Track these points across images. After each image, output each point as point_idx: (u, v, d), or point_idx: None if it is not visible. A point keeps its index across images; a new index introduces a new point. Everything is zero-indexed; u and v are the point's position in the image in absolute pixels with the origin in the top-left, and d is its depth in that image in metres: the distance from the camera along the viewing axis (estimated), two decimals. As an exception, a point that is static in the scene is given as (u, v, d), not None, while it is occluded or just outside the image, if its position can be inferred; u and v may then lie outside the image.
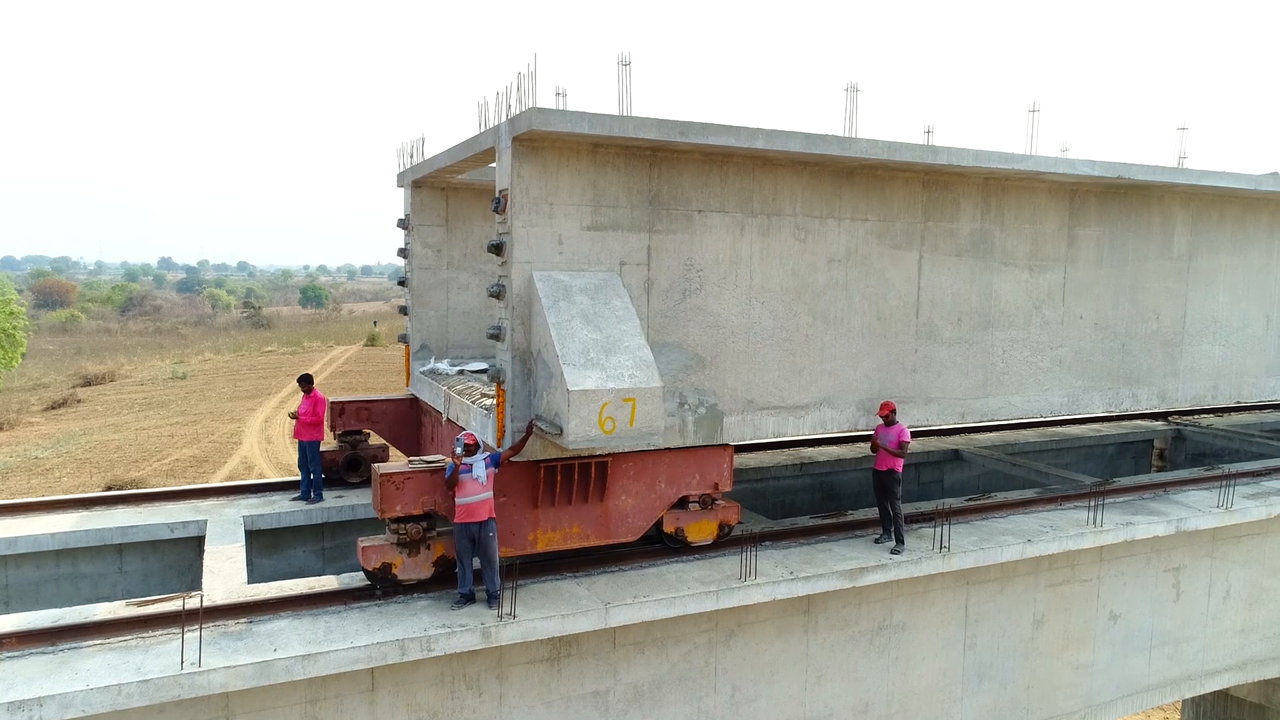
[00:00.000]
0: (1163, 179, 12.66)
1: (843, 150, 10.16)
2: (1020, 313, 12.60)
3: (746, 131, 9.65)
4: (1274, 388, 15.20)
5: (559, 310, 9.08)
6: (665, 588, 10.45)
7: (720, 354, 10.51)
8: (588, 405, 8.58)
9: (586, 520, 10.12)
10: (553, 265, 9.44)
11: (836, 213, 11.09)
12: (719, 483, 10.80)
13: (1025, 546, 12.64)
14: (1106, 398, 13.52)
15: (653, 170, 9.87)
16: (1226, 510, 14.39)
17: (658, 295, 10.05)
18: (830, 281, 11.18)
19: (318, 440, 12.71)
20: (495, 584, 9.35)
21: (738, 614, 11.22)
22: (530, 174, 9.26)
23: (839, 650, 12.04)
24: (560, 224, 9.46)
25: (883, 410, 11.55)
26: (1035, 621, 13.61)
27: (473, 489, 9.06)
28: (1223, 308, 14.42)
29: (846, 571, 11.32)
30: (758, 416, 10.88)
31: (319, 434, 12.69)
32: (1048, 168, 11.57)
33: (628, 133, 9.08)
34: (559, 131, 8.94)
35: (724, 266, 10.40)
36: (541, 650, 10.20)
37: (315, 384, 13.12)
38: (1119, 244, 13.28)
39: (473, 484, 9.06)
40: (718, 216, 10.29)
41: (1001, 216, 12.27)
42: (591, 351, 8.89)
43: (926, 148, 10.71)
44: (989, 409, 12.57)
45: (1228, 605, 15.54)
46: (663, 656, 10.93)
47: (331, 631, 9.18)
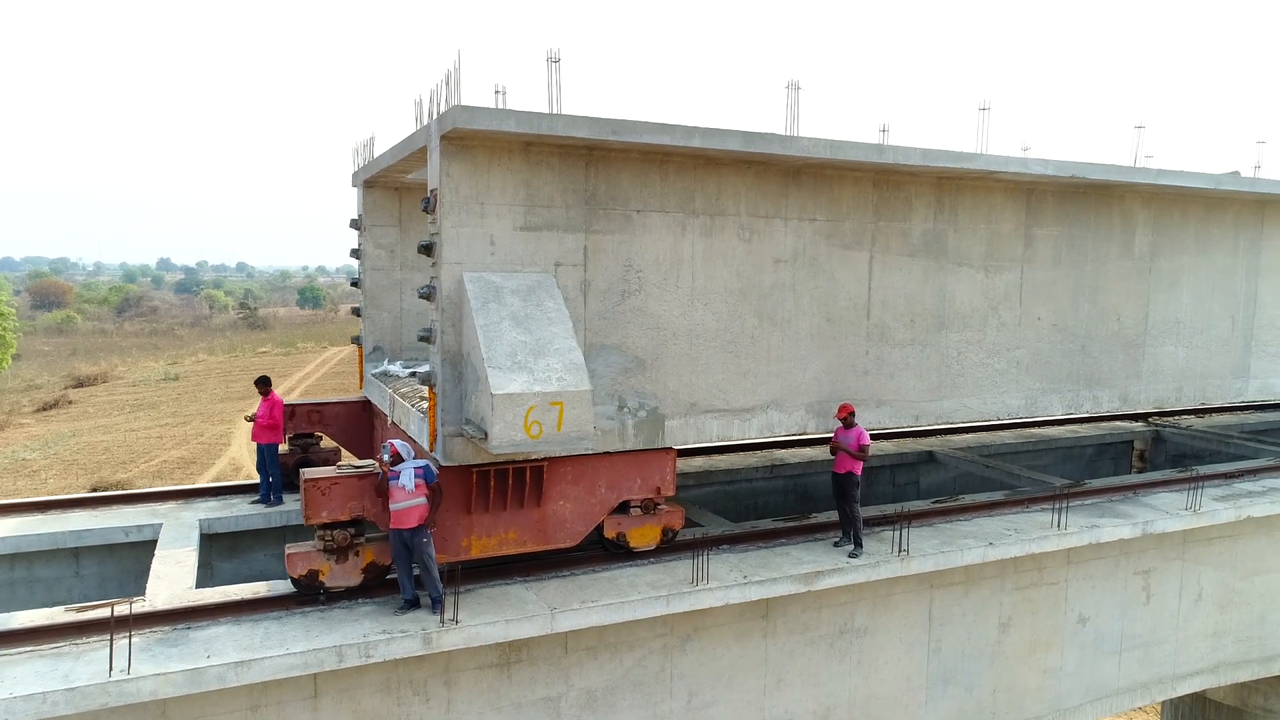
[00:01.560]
0: (1120, 178, 12.47)
1: (784, 149, 9.99)
2: (976, 314, 12.42)
3: (683, 130, 9.48)
4: (1240, 390, 15.02)
5: (488, 312, 8.91)
6: (616, 592, 10.31)
7: (661, 356, 10.34)
8: (512, 409, 8.42)
9: (523, 526, 9.95)
10: (484, 266, 9.28)
11: (783, 212, 10.92)
12: (661, 487, 10.63)
13: (987, 550, 12.49)
14: (1066, 400, 13.34)
15: (589, 169, 9.70)
16: (1194, 513, 14.24)
17: (595, 297, 9.88)
18: (777, 282, 11.01)
19: (276, 443, 12.57)
20: (437, 590, 9.21)
21: (694, 618, 11.08)
22: (460, 173, 9.09)
23: (799, 654, 11.89)
24: (492, 224, 9.29)
25: (841, 413, 11.39)
26: (1001, 625, 13.45)
27: (400, 496, 8.92)
28: (1186, 309, 14.24)
29: (801, 575, 11.18)
30: (701, 419, 10.70)
31: (277, 437, 12.57)
32: (999, 167, 11.39)
33: (557, 131, 8.91)
34: (487, 130, 8.78)
35: (665, 267, 10.23)
36: (491, 655, 10.06)
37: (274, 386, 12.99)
38: (1078, 244, 13.10)
39: (399, 491, 8.93)
40: (658, 216, 10.12)
41: (955, 216, 12.09)
42: (519, 354, 8.72)
43: (873, 146, 10.53)
44: (944, 411, 12.39)
45: (1199, 608, 15.38)
46: (616, 661, 10.78)
47: (270, 638, 9.04)
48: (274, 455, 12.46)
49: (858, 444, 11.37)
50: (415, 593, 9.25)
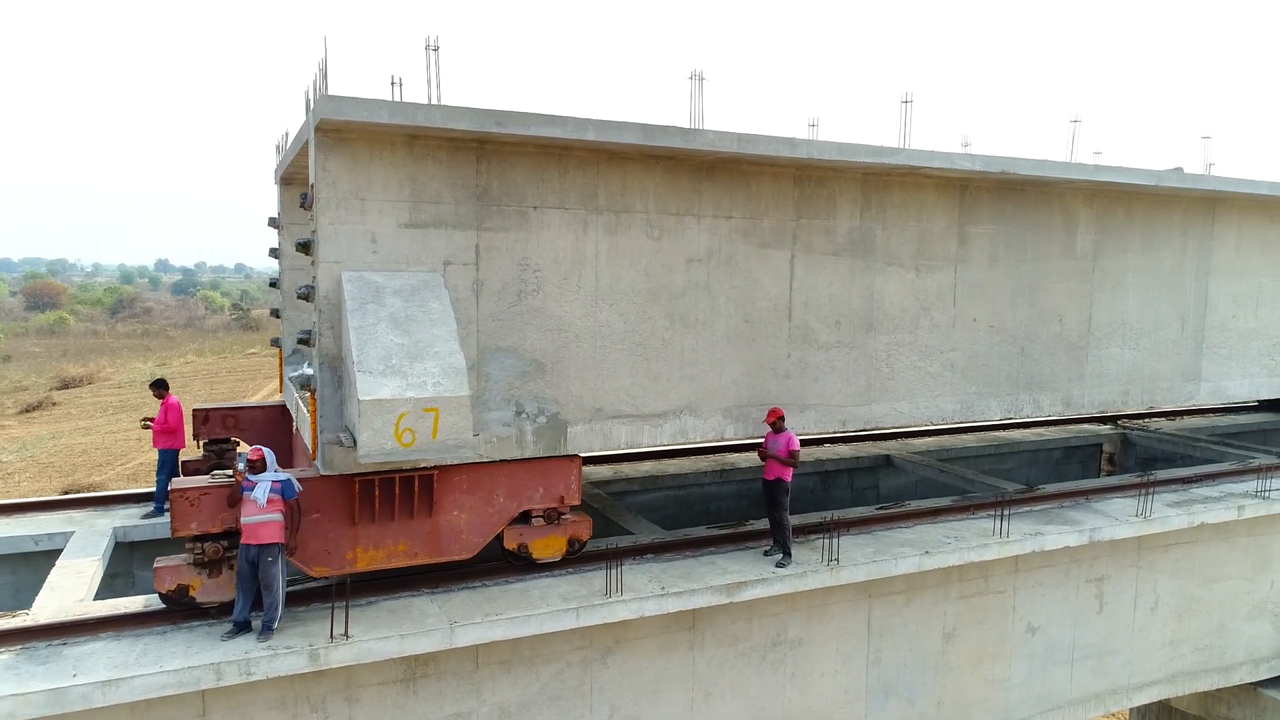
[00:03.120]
0: (1054, 174, 12.02)
1: (688, 143, 9.55)
2: (906, 315, 11.98)
3: (575, 122, 9.04)
4: (1191, 393, 14.57)
5: (365, 314, 8.48)
6: (525, 605, 9.89)
7: (563, 359, 9.90)
8: (382, 416, 7.99)
9: (414, 537, 9.51)
10: (365, 265, 8.85)
11: (696, 210, 10.48)
12: (565, 496, 10.19)
13: (922, 559, 12.07)
14: (1005, 404, 12.90)
15: (480, 164, 9.27)
16: (1145, 519, 13.83)
17: (489, 297, 9.44)
18: (690, 282, 10.57)
19: (176, 449, 12.13)
20: (273, 613, 8.72)
21: (614, 630, 10.67)
22: (337, 167, 8.67)
23: (728, 667, 11.48)
24: (374, 221, 8.86)
25: (770, 417, 10.97)
26: (946, 635, 13.05)
27: (250, 509, 8.46)
28: (1132, 309, 13.78)
29: (723, 587, 10.77)
30: (608, 425, 10.27)
31: (176, 442, 12.11)
32: (923, 162, 10.95)
33: (434, 123, 8.48)
34: (361, 122, 8.36)
35: (566, 266, 9.80)
36: (395, 670, 9.64)
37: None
38: (1016, 243, 12.65)
39: (250, 504, 8.47)
40: (557, 213, 9.69)
41: (884, 214, 11.65)
42: (394, 358, 8.29)
43: (785, 140, 10.10)
44: (873, 416, 11.95)
45: (1156, 616, 14.97)
46: (532, 675, 10.37)
47: (147, 654, 8.61)
48: (173, 461, 12.03)
49: (787, 449, 10.96)
50: (249, 616, 8.78)
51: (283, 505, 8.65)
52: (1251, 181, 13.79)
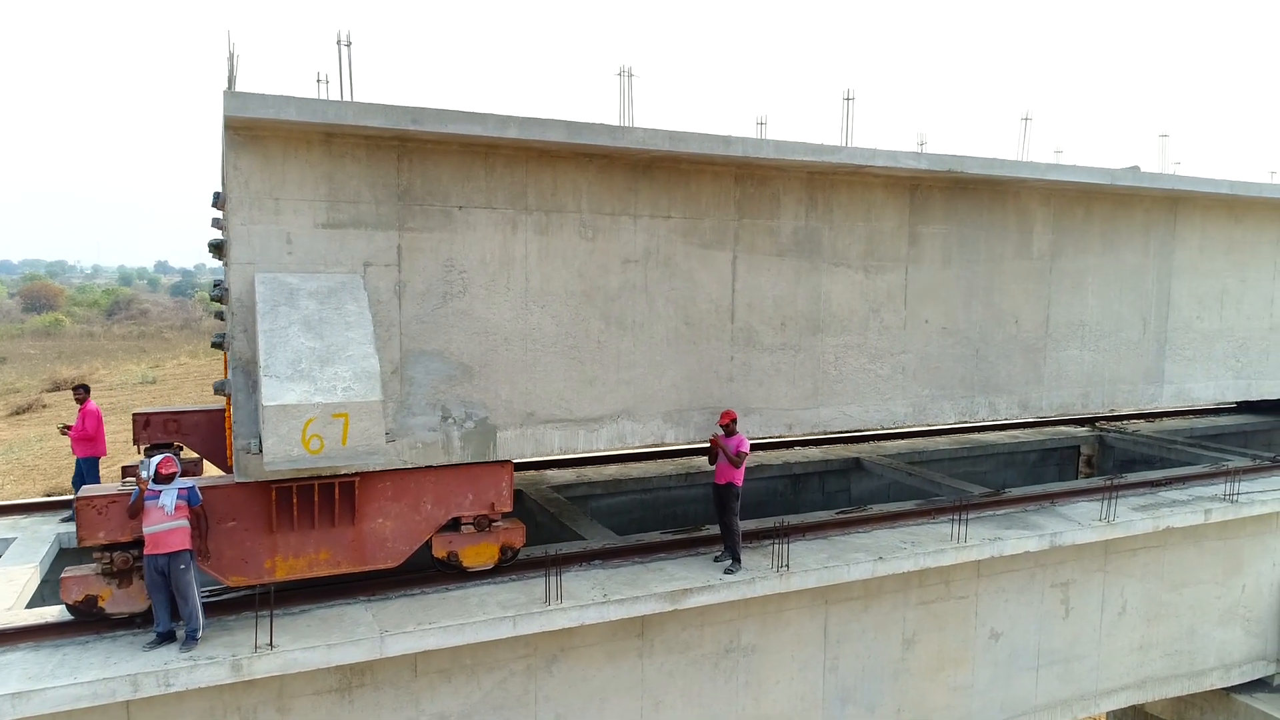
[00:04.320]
0: (1005, 173, 11.78)
1: (615, 141, 9.32)
2: (855, 317, 11.73)
3: (496, 119, 8.81)
4: (1154, 395, 14.31)
5: (276, 316, 8.25)
6: (462, 613, 9.68)
7: (491, 363, 9.66)
8: (287, 422, 7.76)
9: (336, 545, 9.28)
10: (280, 266, 8.62)
11: (632, 209, 10.24)
12: (496, 503, 9.96)
13: (876, 564, 11.85)
14: (959, 407, 12.64)
15: (402, 163, 9.04)
16: (1108, 524, 13.59)
17: (412, 299, 9.21)
18: (626, 284, 10.33)
19: (96, 456, 11.88)
20: (195, 621, 8.52)
21: (559, 638, 10.46)
22: (249, 166, 8.44)
23: (679, 675, 11.27)
24: (289, 221, 8.63)
25: (724, 419, 10.75)
26: (906, 641, 12.82)
27: (156, 518, 8.24)
28: (1092, 311, 13.52)
29: (667, 594, 10.55)
30: (541, 430, 10.03)
31: (96, 449, 11.86)
32: (865, 160, 10.71)
33: (346, 120, 8.26)
34: (271, 119, 8.13)
35: (493, 267, 9.56)
36: (329, 680, 9.44)
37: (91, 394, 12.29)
38: (969, 243, 12.40)
39: (157, 513, 8.25)
40: (484, 213, 9.45)
41: (830, 214, 11.41)
42: (304, 362, 8.06)
43: (719, 138, 9.86)
44: (821, 420, 11.71)
45: (1123, 621, 14.74)
46: (474, 684, 10.16)
47: (64, 665, 8.41)
48: (93, 470, 11.76)
49: (736, 450, 10.74)
50: (171, 626, 8.56)
51: (189, 512, 8.46)
52: (1211, 180, 13.53)
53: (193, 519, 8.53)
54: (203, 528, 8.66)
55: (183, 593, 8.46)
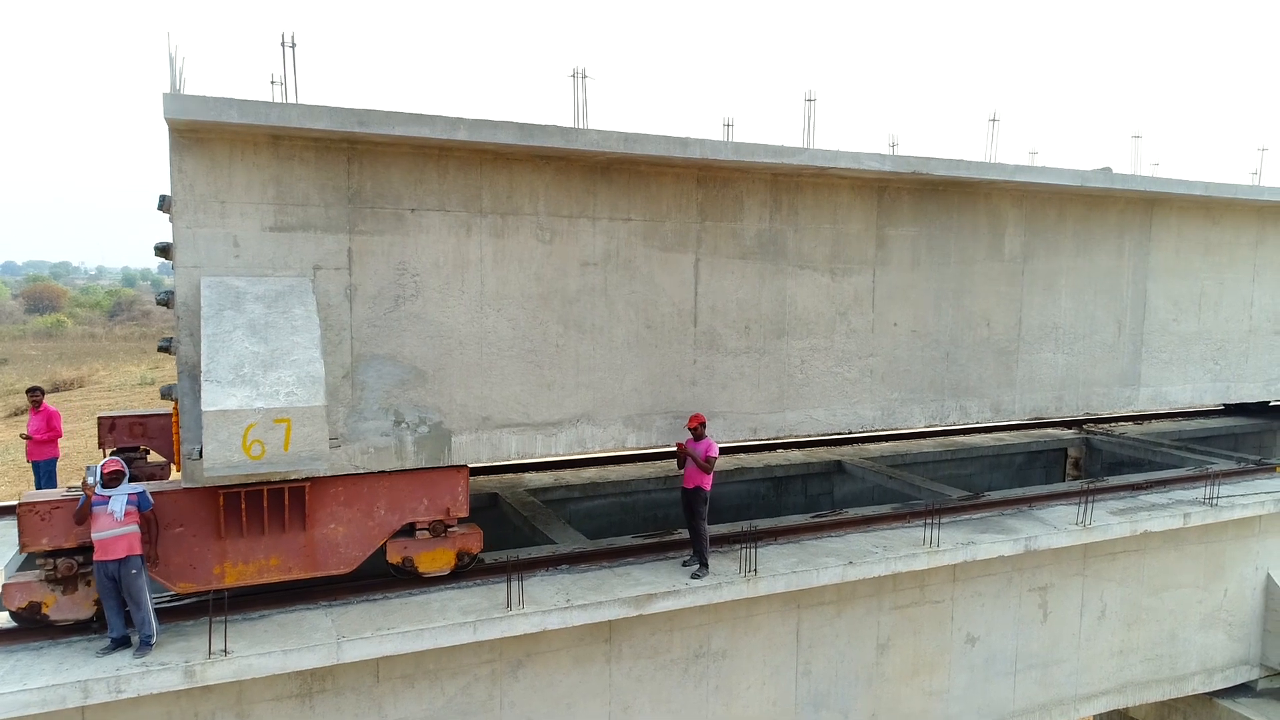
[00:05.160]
0: (971, 174, 11.66)
1: (568, 142, 9.22)
2: (821, 320, 11.62)
3: (445, 121, 8.72)
4: (1129, 398, 14.18)
5: (221, 320, 8.17)
6: (424, 618, 9.60)
7: (446, 367, 9.57)
8: (227, 427, 7.68)
9: (287, 551, 9.19)
10: (227, 270, 8.54)
11: (590, 211, 10.15)
12: (452, 508, 9.87)
13: (846, 569, 11.75)
14: (929, 410, 12.52)
15: (351, 165, 8.95)
16: (1084, 528, 13.45)
17: (363, 302, 9.13)
18: (586, 287, 10.24)
19: (54, 458, 11.80)
20: (148, 627, 8.44)
21: (525, 643, 10.38)
22: (195, 169, 8.36)
23: (648, 680, 11.17)
24: (236, 224, 8.55)
25: (692, 422, 10.65)
26: (880, 646, 12.71)
27: (105, 523, 8.15)
28: (1065, 313, 13.39)
29: (632, 599, 10.46)
30: (497, 435, 9.94)
31: (54, 452, 11.78)
32: (828, 162, 10.60)
33: (289, 122, 8.18)
34: (213, 121, 8.05)
35: (447, 270, 9.47)
36: (290, 685, 9.35)
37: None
38: (939, 245, 12.28)
39: (106, 518, 8.16)
40: (437, 216, 9.36)
41: (795, 216, 11.30)
42: (247, 366, 7.98)
43: (676, 140, 9.76)
44: (787, 424, 11.60)
45: (1103, 626, 14.62)
46: (437, 690, 10.07)
47: (15, 671, 8.33)
48: (51, 474, 11.69)
49: (705, 455, 10.64)
50: (126, 631, 8.48)
51: (139, 517, 8.39)
52: (1186, 182, 13.39)
53: (144, 524, 8.45)
54: (154, 533, 8.58)
55: (135, 598, 8.38)
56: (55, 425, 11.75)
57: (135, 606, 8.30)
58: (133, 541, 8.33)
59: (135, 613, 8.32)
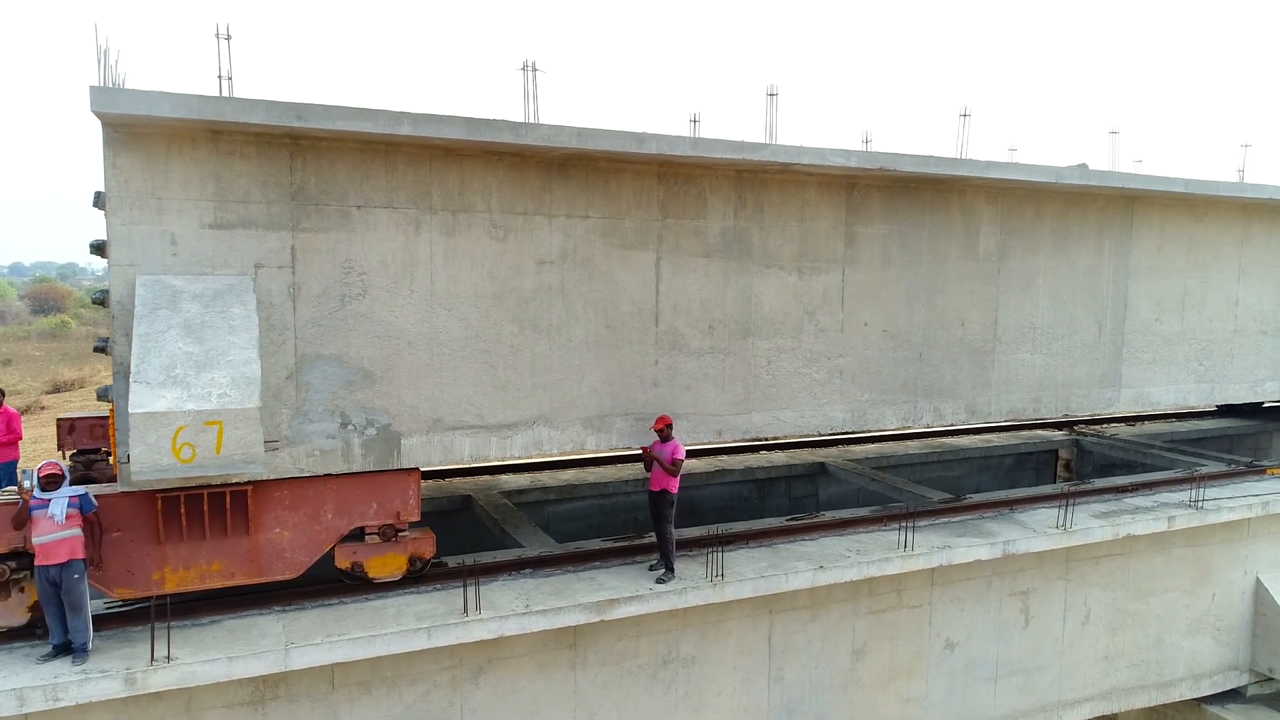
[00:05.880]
0: (941, 170, 11.39)
1: (518, 138, 8.99)
2: (789, 320, 11.37)
3: (388, 116, 8.50)
4: (1110, 400, 13.89)
5: (155, 320, 7.96)
6: (378, 624, 9.39)
7: (395, 367, 9.35)
8: (156, 430, 7.47)
9: (230, 556, 8.98)
10: (164, 268, 8.33)
11: (546, 209, 9.92)
12: (402, 512, 9.65)
13: (816, 574, 11.51)
14: (902, 412, 12.26)
15: (295, 161, 8.74)
16: (1064, 531, 13.20)
17: (308, 302, 8.91)
18: (542, 285, 10.01)
19: (14, 461, 11.62)
20: (84, 635, 8.24)
21: (486, 648, 10.16)
22: (129, 165, 8.16)
23: (614, 686, 10.95)
24: (173, 221, 8.34)
25: (658, 424, 10.43)
26: (855, 652, 12.47)
27: (46, 528, 7.95)
28: (1043, 313, 13.11)
29: (593, 604, 10.24)
30: (450, 437, 9.72)
31: (14, 454, 11.61)
32: (791, 158, 10.35)
33: (224, 116, 7.97)
34: (143, 115, 7.84)
35: (395, 269, 9.25)
36: (241, 692, 9.16)
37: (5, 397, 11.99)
38: (911, 243, 12.02)
39: (46, 522, 7.96)
40: (384, 213, 9.14)
41: (761, 214, 11.05)
42: (179, 367, 7.77)
43: (631, 135, 9.52)
44: (753, 425, 11.35)
45: (1087, 631, 14.35)
46: (395, 697, 9.86)
47: None
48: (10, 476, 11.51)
49: (671, 458, 10.41)
50: (69, 637, 8.29)
51: (81, 520, 8.19)
52: (1166, 179, 13.10)
53: (87, 527, 8.26)
54: (97, 535, 8.39)
55: (74, 604, 8.19)
56: (15, 427, 11.57)
57: (74, 613, 8.11)
58: (75, 545, 8.14)
59: (73, 619, 8.12)
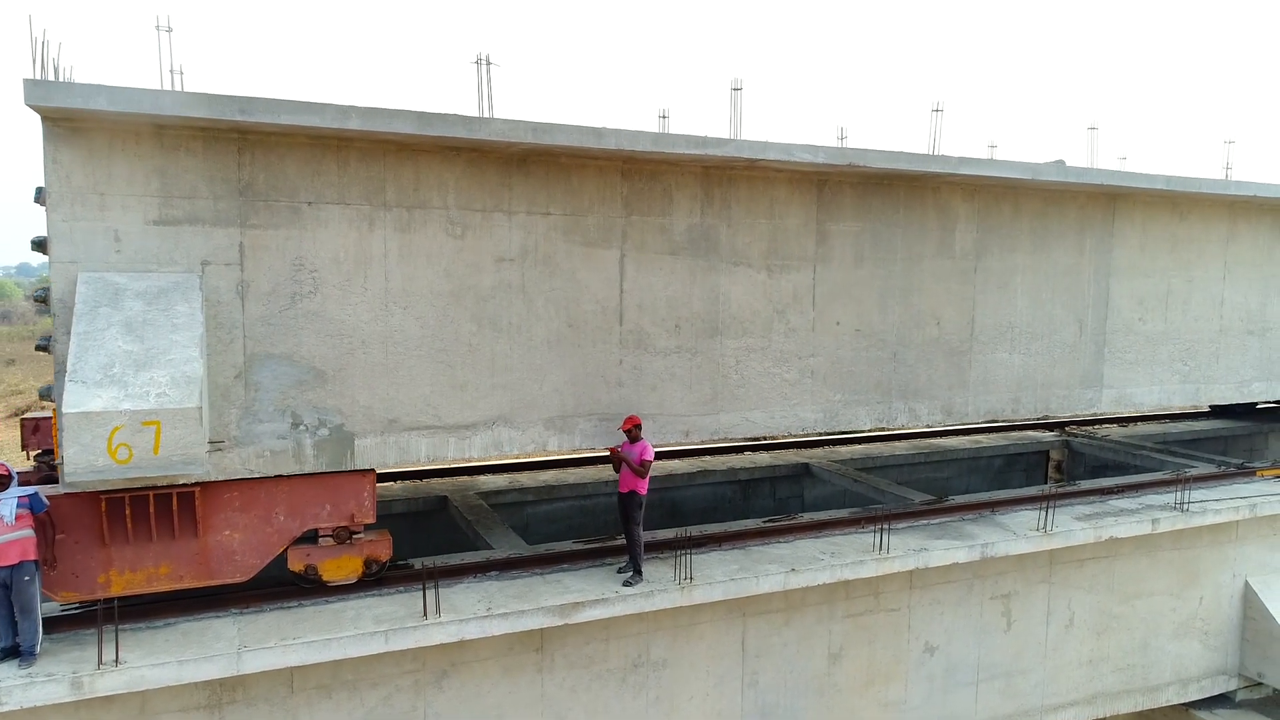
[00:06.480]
0: (912, 167, 11.18)
1: (471, 132, 8.81)
2: (758, 319, 11.17)
3: (335, 110, 8.33)
4: (1092, 400, 13.65)
5: (95, 318, 7.81)
6: (335, 627, 9.24)
7: (348, 367, 9.18)
8: (90, 430, 7.31)
9: (178, 559, 8.82)
10: (107, 265, 8.18)
11: (506, 205, 9.74)
12: (356, 514, 9.48)
13: (788, 576, 11.32)
14: (875, 412, 12.05)
15: (243, 156, 8.57)
16: (1044, 534, 12.98)
17: (257, 300, 8.74)
18: (501, 283, 9.83)
19: None
20: (33, 638, 8.11)
21: (449, 651, 10.00)
22: (71, 159, 8.00)
23: (583, 690, 10.78)
24: (116, 218, 8.19)
25: (626, 425, 10.25)
26: (832, 655, 12.28)
27: None
28: (1022, 312, 12.88)
29: (557, 608, 10.07)
30: (405, 438, 9.54)
31: None
32: (755, 154, 10.15)
33: (163, 110, 7.80)
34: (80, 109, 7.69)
35: (348, 266, 9.08)
36: (197, 696, 9.02)
37: None
38: (885, 241, 11.81)
39: None
40: (336, 209, 8.98)
41: (729, 211, 10.86)
42: (117, 366, 7.61)
43: (589, 130, 9.33)
44: (721, 426, 11.16)
45: (1071, 635, 14.13)
46: (356, 701, 9.71)
47: None
48: None
49: (639, 459, 10.23)
50: (17, 641, 8.15)
51: (33, 521, 8.06)
52: (1146, 175, 12.85)
53: (39, 527, 8.12)
54: (50, 536, 8.25)
55: (24, 606, 8.06)
56: None
57: (23, 615, 7.98)
58: (26, 546, 8.01)
59: (23, 621, 7.99)
